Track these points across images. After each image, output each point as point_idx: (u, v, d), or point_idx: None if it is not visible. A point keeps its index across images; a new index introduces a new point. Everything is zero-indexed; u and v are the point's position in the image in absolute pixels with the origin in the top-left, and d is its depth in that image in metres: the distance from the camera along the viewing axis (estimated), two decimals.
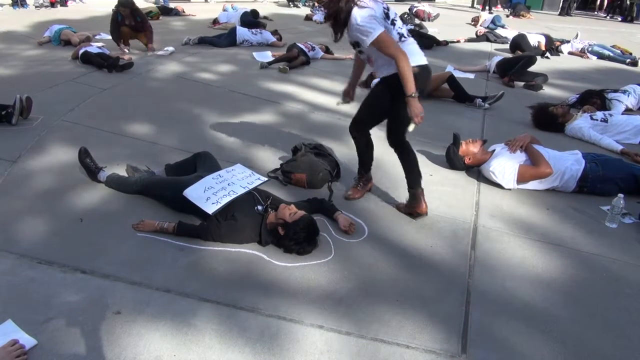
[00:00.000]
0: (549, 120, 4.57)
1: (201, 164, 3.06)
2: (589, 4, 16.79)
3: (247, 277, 2.35)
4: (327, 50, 7.21)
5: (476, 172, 3.59)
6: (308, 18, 11.24)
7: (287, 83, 5.55)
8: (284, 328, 2.05)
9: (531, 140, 3.45)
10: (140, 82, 5.48)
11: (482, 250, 2.69)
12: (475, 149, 3.51)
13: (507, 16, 13.22)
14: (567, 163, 3.32)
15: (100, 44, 6.56)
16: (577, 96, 5.35)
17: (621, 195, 2.96)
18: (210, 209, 2.59)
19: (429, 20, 11.55)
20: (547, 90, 6.06)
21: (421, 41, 8.57)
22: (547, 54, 7.99)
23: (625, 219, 3.05)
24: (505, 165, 3.31)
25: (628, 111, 5.08)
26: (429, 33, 9.20)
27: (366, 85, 5.71)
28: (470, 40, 9.27)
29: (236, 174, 2.92)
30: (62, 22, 7.75)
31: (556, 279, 2.49)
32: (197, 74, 5.84)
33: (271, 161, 3.57)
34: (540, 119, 4.62)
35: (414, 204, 2.93)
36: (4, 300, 2.08)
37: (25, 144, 3.60)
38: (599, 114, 4.55)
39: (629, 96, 5.17)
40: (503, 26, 10.41)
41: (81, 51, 6.04)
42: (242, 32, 7.79)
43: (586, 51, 8.35)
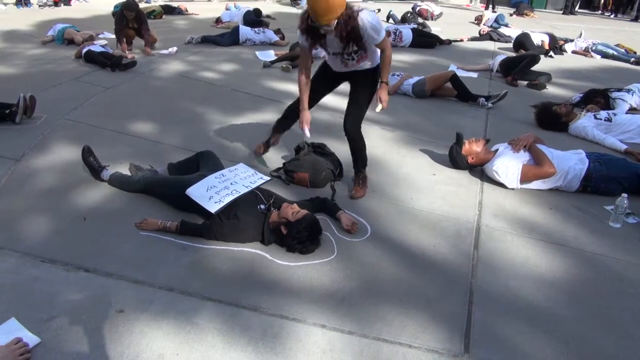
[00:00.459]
0: (553, 120, 4.55)
1: (204, 163, 3.07)
2: (593, 2, 16.71)
3: (249, 276, 2.35)
4: None
5: (479, 171, 3.58)
6: None
7: (290, 82, 5.54)
8: (286, 327, 2.05)
9: (535, 139, 3.44)
10: (143, 81, 5.49)
11: (485, 249, 2.69)
12: (478, 148, 3.50)
13: (511, 15, 13.16)
14: (570, 162, 3.31)
15: (103, 43, 6.57)
16: (581, 95, 5.33)
17: (625, 195, 2.95)
18: (213, 208, 2.59)
19: (432, 19, 11.50)
20: (550, 90, 6.04)
21: (424, 40, 8.60)
22: (551, 53, 7.95)
23: (629, 218, 3.04)
24: (508, 165, 3.30)
25: (632, 110, 5.05)
26: (432, 32, 9.18)
27: None
28: (473, 39, 9.23)
29: (239, 173, 2.93)
30: (65, 21, 7.76)
31: (559, 278, 2.48)
32: (200, 73, 5.84)
33: (274, 160, 3.57)
34: (543, 118, 4.60)
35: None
36: (7, 298, 2.09)
37: (29, 142, 3.61)
38: (602, 113, 4.53)
39: (633, 95, 5.14)
40: (506, 25, 10.37)
41: (84, 50, 6.05)
42: (245, 31, 7.79)
43: (590, 50, 8.31)
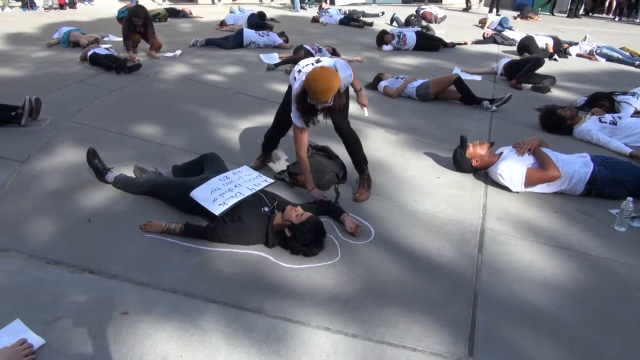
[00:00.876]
0: (557, 123, 4.54)
1: (208, 165, 3.07)
2: (597, 6, 16.67)
3: (253, 279, 2.35)
4: (334, 52, 7.21)
5: (483, 174, 3.57)
6: (315, 20, 11.26)
7: None
8: (290, 330, 2.05)
9: (539, 143, 3.43)
10: (148, 83, 5.52)
11: (489, 253, 2.68)
12: (482, 151, 3.50)
13: (515, 18, 13.14)
14: (575, 166, 3.30)
15: (108, 46, 6.61)
16: (586, 98, 5.31)
17: (630, 199, 2.94)
18: (217, 210, 2.59)
19: (435, 22, 11.51)
20: (555, 93, 6.02)
21: (428, 43, 8.62)
22: (555, 56, 7.93)
23: (634, 222, 3.02)
24: (513, 168, 3.29)
25: (637, 114, 5.03)
26: (436, 35, 9.19)
27: (373, 87, 5.73)
28: (477, 42, 9.23)
29: (243, 175, 2.93)
30: (70, 24, 7.82)
31: (564, 282, 2.47)
32: (204, 76, 5.86)
33: (278, 163, 3.57)
34: (548, 121, 4.59)
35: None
36: (13, 299, 2.10)
37: (34, 144, 3.63)
38: (607, 117, 4.52)
39: (638, 99, 5.11)
40: (510, 28, 10.36)
41: (90, 53, 6.09)
42: (249, 34, 7.82)
43: (595, 53, 8.28)
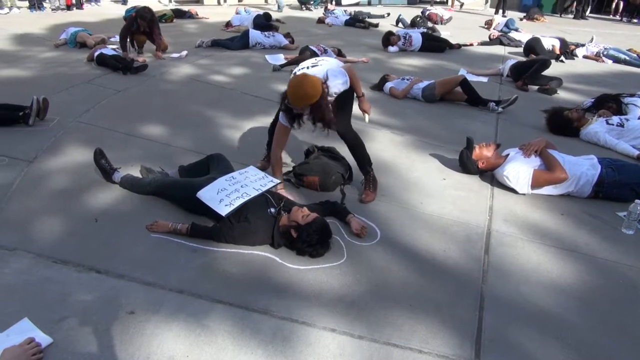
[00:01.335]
0: (564, 125, 4.52)
1: (214, 165, 3.08)
2: (604, 7, 16.59)
3: (259, 279, 2.36)
4: (340, 53, 7.21)
5: (490, 176, 3.56)
6: (320, 21, 11.27)
7: None
8: (296, 331, 2.05)
9: (546, 144, 3.41)
10: (154, 84, 5.54)
11: (495, 255, 2.67)
12: (489, 153, 3.49)
13: (521, 19, 13.11)
14: (582, 168, 3.28)
15: (115, 46, 6.64)
16: (593, 100, 5.28)
17: (638, 201, 2.92)
18: (224, 210, 2.60)
19: (441, 24, 11.50)
20: (561, 94, 6.00)
21: (434, 44, 8.62)
22: (562, 57, 7.90)
23: None
24: (519, 170, 3.28)
25: None
26: (442, 36, 9.18)
27: (379, 88, 5.72)
28: (483, 43, 9.21)
29: (249, 176, 2.93)
30: (77, 25, 7.86)
31: (571, 285, 2.46)
32: (210, 77, 5.88)
33: (284, 163, 3.57)
34: (554, 123, 4.57)
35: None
36: (20, 298, 2.11)
37: (42, 144, 3.65)
38: (615, 119, 4.49)
39: None
40: (517, 29, 10.33)
41: (96, 53, 6.12)
42: (255, 35, 7.83)
43: (601, 55, 8.25)
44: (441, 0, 17.04)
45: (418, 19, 10.83)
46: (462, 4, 13.74)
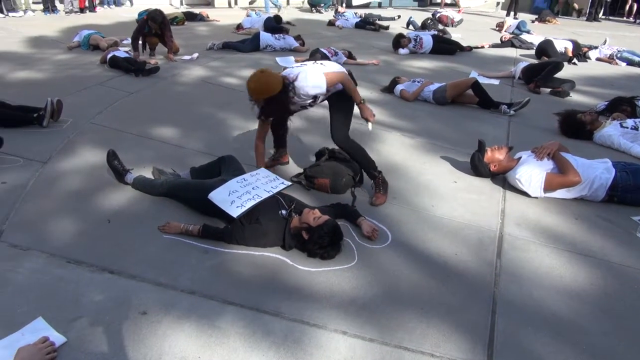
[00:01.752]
0: (577, 128, 4.48)
1: (225, 167, 3.09)
2: (617, 9, 16.43)
3: (270, 281, 2.36)
4: (350, 56, 7.22)
5: (501, 179, 3.54)
6: (331, 23, 11.29)
7: None
8: (307, 333, 2.05)
9: (559, 147, 3.38)
10: (166, 86, 5.58)
11: (508, 259, 2.65)
12: (501, 156, 3.46)
13: (533, 22, 13.03)
14: (596, 172, 3.24)
15: (127, 49, 6.70)
16: (606, 103, 5.23)
17: None
18: (235, 212, 2.61)
19: (452, 26, 11.46)
20: (574, 97, 5.95)
21: (444, 46, 8.59)
22: (575, 60, 7.84)
23: None
24: (532, 173, 3.25)
25: None
26: (453, 38, 9.14)
27: (389, 90, 5.71)
28: (494, 45, 9.16)
29: (260, 177, 2.94)
30: (91, 27, 7.94)
31: (585, 289, 2.43)
32: (221, 79, 5.91)
33: (294, 166, 3.58)
34: (567, 126, 4.53)
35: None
36: (35, 298, 2.13)
37: (56, 145, 3.69)
38: (629, 122, 4.44)
39: None
40: (528, 32, 10.27)
41: (109, 55, 6.18)
42: (266, 38, 7.86)
43: (615, 57, 8.17)
44: (451, 3, 16.98)
45: (429, 21, 10.81)
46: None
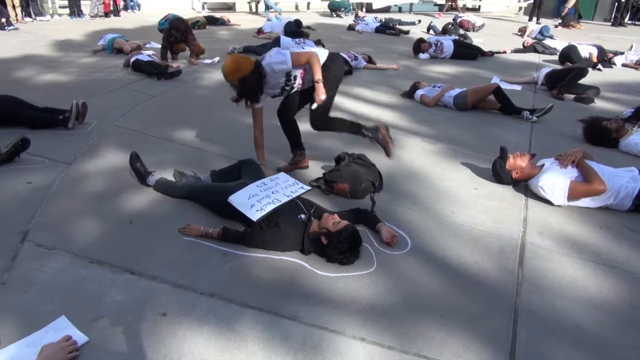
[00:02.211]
0: (602, 135, 4.39)
1: (246, 171, 3.11)
2: None
3: (289, 285, 2.36)
4: (370, 60, 7.21)
5: (523, 187, 3.48)
6: (351, 28, 11.30)
7: None
8: (326, 338, 2.04)
9: (583, 155, 3.32)
10: (187, 89, 5.65)
11: (530, 268, 2.60)
12: (523, 163, 3.41)
13: (556, 26, 12.82)
14: (622, 180, 3.17)
15: (150, 52, 6.81)
16: (633, 110, 5.11)
17: None
18: (255, 216, 2.62)
19: (473, 31, 11.35)
20: (599, 104, 5.83)
21: (465, 51, 8.50)
22: (599, 65, 7.69)
23: None
24: (555, 181, 3.19)
25: None
26: (474, 43, 9.06)
27: (409, 95, 5.68)
28: (516, 50, 9.05)
29: (280, 182, 2.95)
30: (115, 31, 8.10)
31: (610, 301, 2.37)
32: None
33: (314, 170, 3.58)
34: (592, 133, 4.44)
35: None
36: (59, 297, 2.17)
37: (80, 147, 3.76)
38: None
39: None
40: (551, 37, 10.12)
41: (132, 59, 6.29)
42: (286, 42, 7.87)
43: None
44: (473, 7, 16.84)
45: (450, 26, 10.72)
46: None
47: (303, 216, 2.69)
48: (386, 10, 15.81)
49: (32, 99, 4.31)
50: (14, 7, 10.08)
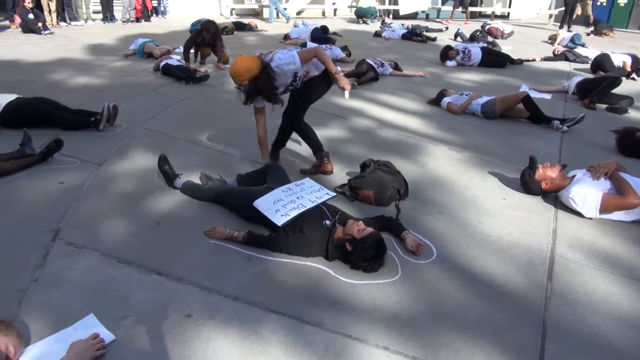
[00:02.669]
0: (636, 146, 4.25)
1: (271, 176, 3.13)
2: None
3: (312, 291, 2.35)
4: (396, 67, 7.18)
5: (553, 198, 3.40)
6: (377, 34, 11.28)
7: (356, 99, 5.57)
8: (349, 346, 2.02)
9: (617, 167, 3.22)
10: (215, 93, 5.73)
11: (559, 281, 2.53)
12: (553, 173, 3.33)
13: (588, 35, 12.54)
14: None
15: (179, 57, 6.93)
16: None
17: None
18: (279, 220, 2.63)
19: (502, 38, 11.19)
20: (632, 114, 5.66)
21: (494, 59, 8.36)
22: (633, 75, 7.47)
23: None
24: (587, 193, 3.11)
25: None
26: (502, 51, 8.93)
27: (436, 102, 5.63)
28: (546, 59, 8.87)
29: (305, 187, 2.95)
30: (145, 36, 8.27)
31: None
32: None
33: (339, 176, 3.58)
34: (625, 144, 4.31)
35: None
36: (88, 295, 2.22)
37: (110, 148, 3.85)
38: None
39: None
40: (583, 45, 9.90)
41: (162, 63, 6.42)
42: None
43: None
44: (502, 14, 16.62)
45: (478, 33, 10.60)
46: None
47: (328, 222, 2.68)
48: (413, 17, 15.74)
49: (65, 101, 4.44)
50: (50, 12, 10.43)
